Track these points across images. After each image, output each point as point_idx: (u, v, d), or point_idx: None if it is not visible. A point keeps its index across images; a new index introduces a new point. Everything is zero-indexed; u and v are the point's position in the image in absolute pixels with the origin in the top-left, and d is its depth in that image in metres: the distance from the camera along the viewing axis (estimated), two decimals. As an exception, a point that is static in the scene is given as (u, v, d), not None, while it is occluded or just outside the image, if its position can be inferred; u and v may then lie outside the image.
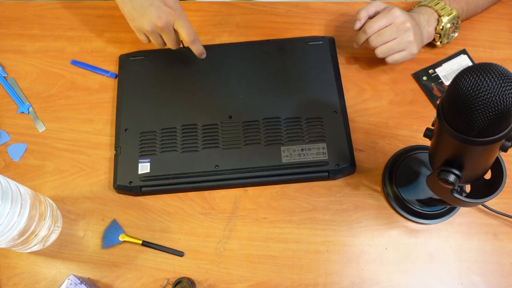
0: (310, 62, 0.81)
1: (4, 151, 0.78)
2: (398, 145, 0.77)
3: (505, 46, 0.84)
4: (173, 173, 0.73)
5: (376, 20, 0.74)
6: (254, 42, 0.84)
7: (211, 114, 0.77)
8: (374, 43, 0.75)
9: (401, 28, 0.74)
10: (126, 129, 0.77)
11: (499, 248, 0.70)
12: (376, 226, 0.72)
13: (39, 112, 0.81)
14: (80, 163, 0.77)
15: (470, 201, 0.58)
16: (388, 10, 0.75)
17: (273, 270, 0.69)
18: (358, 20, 0.77)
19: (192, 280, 0.68)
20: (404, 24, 0.74)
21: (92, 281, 0.69)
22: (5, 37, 0.88)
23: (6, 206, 0.59)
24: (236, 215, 0.73)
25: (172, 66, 0.81)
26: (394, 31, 0.74)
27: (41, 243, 0.69)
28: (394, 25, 0.74)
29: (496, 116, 0.44)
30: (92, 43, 0.87)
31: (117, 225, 0.72)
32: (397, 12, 0.74)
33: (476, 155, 0.52)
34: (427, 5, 0.79)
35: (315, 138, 0.74)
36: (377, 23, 0.74)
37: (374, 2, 0.78)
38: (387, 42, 0.74)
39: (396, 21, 0.74)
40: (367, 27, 0.75)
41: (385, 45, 0.75)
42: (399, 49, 0.75)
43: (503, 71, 0.44)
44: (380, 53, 0.75)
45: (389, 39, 0.74)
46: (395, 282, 0.68)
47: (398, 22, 0.74)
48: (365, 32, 0.75)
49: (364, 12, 0.77)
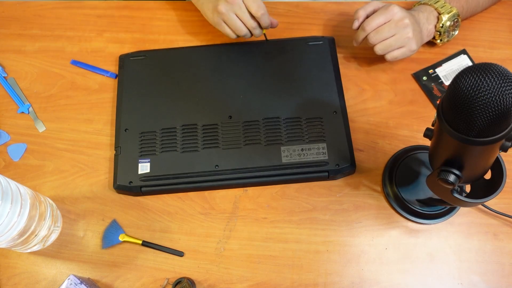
0: (310, 62, 0.81)
1: (4, 151, 0.78)
2: (398, 145, 0.77)
3: (505, 46, 0.84)
4: (173, 173, 0.73)
5: (375, 17, 0.74)
6: (254, 42, 0.84)
7: (211, 114, 0.77)
8: (373, 40, 0.75)
9: (400, 25, 0.74)
10: (126, 129, 0.77)
11: (499, 248, 0.70)
12: (376, 226, 0.72)
13: (39, 112, 0.81)
14: (80, 163, 0.77)
15: (470, 201, 0.58)
16: (386, 7, 0.75)
17: (273, 270, 0.69)
18: (356, 19, 0.77)
19: (192, 280, 0.68)
20: (403, 21, 0.73)
21: (92, 281, 0.69)
22: (5, 37, 0.88)
23: (6, 206, 0.59)
24: (236, 215, 0.73)
25: (172, 66, 0.81)
26: (393, 27, 0.74)
27: (41, 243, 0.69)
28: (393, 21, 0.74)
29: (496, 116, 0.44)
30: (92, 43, 0.87)
31: (117, 225, 0.72)
32: (396, 9, 0.74)
33: (476, 155, 0.52)
34: (427, 3, 0.79)
35: (315, 138, 0.74)
36: (375, 20, 0.74)
37: (372, 2, 0.78)
38: (386, 39, 0.74)
39: (395, 17, 0.74)
40: (366, 24, 0.75)
41: (384, 42, 0.75)
42: (398, 45, 0.75)
43: (503, 71, 0.44)
44: (379, 50, 0.75)
45: (388, 35, 0.74)
46: (395, 282, 0.68)
47: (397, 19, 0.73)
48: (363, 29, 0.75)
49: (362, 12, 0.77)
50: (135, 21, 0.89)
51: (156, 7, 0.90)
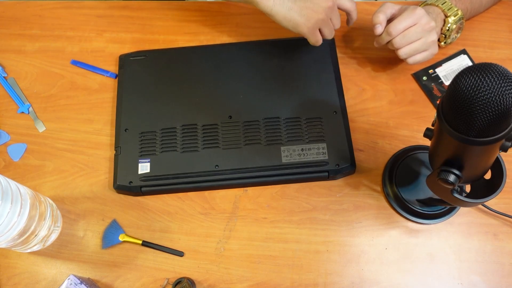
0: (310, 62, 0.81)
1: (4, 151, 0.78)
2: (398, 145, 0.77)
3: (505, 46, 0.84)
4: (173, 173, 0.73)
5: (402, 20, 0.72)
6: (254, 42, 0.84)
7: (211, 114, 0.77)
8: (399, 44, 0.73)
9: (426, 28, 0.72)
10: (126, 129, 0.77)
11: (499, 248, 0.70)
12: (376, 226, 0.72)
13: (39, 112, 0.81)
14: (80, 163, 0.77)
15: (470, 201, 0.58)
16: (412, 10, 0.73)
17: (273, 270, 0.69)
18: (379, 24, 0.74)
19: (192, 280, 0.68)
20: (429, 24, 0.72)
21: (92, 281, 0.69)
22: (5, 37, 0.88)
23: (6, 206, 0.59)
24: (236, 215, 0.73)
25: (172, 66, 0.81)
26: (419, 31, 0.72)
27: (41, 243, 0.69)
28: (419, 25, 0.72)
29: (496, 116, 0.44)
30: (92, 43, 0.87)
31: (117, 225, 0.72)
32: (421, 12, 0.72)
33: (476, 155, 0.52)
34: (434, 4, 0.78)
35: (315, 138, 0.74)
36: (402, 23, 0.72)
37: (386, 3, 0.76)
38: (412, 42, 0.73)
39: (421, 21, 0.72)
40: (392, 29, 0.72)
41: (409, 46, 0.73)
42: (422, 49, 0.74)
43: (503, 71, 0.44)
44: (404, 54, 0.74)
45: (414, 39, 0.73)
46: (395, 282, 0.68)
47: (423, 23, 0.72)
48: (389, 33, 0.73)
49: (383, 16, 0.74)
50: (135, 21, 0.89)
51: (156, 7, 0.90)
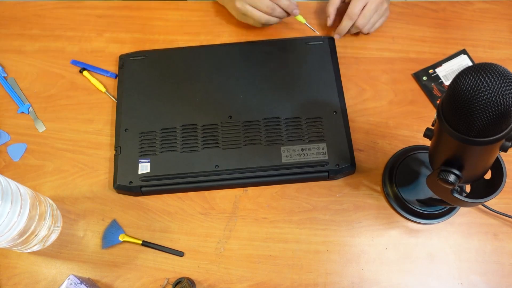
0: (310, 62, 0.81)
1: (4, 151, 0.78)
2: (398, 145, 0.77)
3: (505, 46, 0.84)
4: (173, 173, 0.73)
5: (356, 3, 0.79)
6: (254, 42, 0.84)
7: (211, 114, 0.77)
8: (362, 25, 0.80)
9: (378, 1, 0.79)
10: (126, 129, 0.77)
11: (499, 248, 0.70)
12: (376, 226, 0.72)
13: (39, 112, 0.81)
14: (80, 163, 0.77)
15: (470, 201, 0.58)
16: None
17: (273, 270, 0.69)
18: (328, 16, 0.82)
19: (192, 280, 0.68)
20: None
21: (92, 281, 0.69)
22: (5, 37, 0.88)
23: (6, 206, 0.59)
24: (236, 215, 0.73)
25: (172, 66, 0.81)
26: (374, 7, 0.79)
27: (41, 243, 0.69)
28: (373, 1, 0.78)
29: (496, 116, 0.44)
30: (92, 43, 0.87)
31: (117, 225, 0.72)
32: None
33: (476, 155, 0.52)
34: None
35: (315, 138, 0.74)
36: (357, 6, 0.79)
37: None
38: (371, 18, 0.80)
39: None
40: (350, 14, 0.79)
41: (369, 21, 0.80)
42: (379, 18, 0.82)
43: (503, 71, 0.43)
44: (367, 29, 0.81)
45: (372, 14, 0.80)
46: (395, 282, 0.68)
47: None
48: (350, 18, 0.80)
49: (332, 7, 0.82)
50: (135, 21, 0.89)
51: (156, 7, 0.90)
